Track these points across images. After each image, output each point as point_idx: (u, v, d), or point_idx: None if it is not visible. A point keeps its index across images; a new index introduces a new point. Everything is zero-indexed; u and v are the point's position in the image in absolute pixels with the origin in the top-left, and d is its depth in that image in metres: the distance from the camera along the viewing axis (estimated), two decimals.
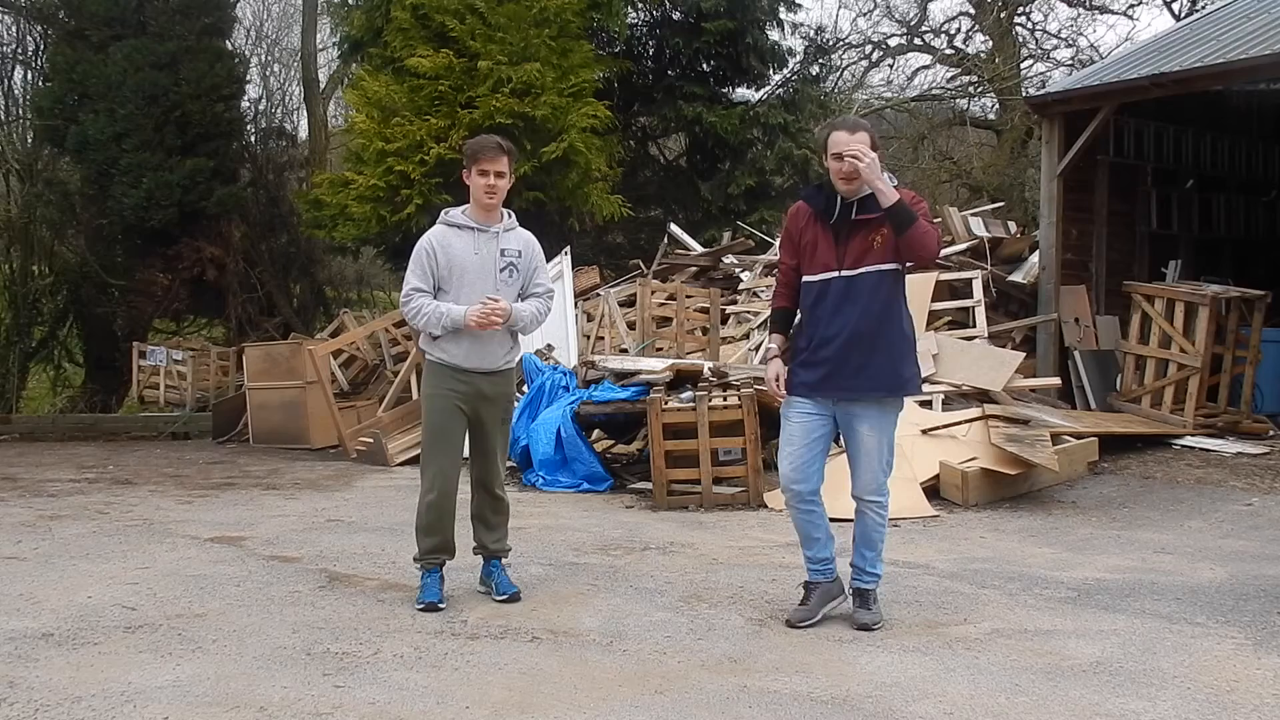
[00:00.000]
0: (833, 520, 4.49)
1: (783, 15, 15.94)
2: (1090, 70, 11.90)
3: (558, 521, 6.48)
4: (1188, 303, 8.97)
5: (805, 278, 4.16)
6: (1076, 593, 4.65)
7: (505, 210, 4.55)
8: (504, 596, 4.50)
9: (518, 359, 4.71)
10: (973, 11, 21.45)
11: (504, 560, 4.67)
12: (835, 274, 4.05)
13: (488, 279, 4.40)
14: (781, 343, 4.28)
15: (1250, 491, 7.16)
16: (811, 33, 17.07)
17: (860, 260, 4.02)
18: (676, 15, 15.45)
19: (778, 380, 4.21)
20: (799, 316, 4.26)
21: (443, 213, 4.57)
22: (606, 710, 3.27)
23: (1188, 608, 4.40)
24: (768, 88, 16.23)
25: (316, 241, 15.27)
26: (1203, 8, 16.77)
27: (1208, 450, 8.39)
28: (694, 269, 12.62)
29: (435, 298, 4.40)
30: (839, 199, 4.09)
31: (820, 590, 4.26)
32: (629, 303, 10.82)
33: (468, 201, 4.54)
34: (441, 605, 4.36)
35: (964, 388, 8.45)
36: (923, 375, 8.42)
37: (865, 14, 33.22)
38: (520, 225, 4.68)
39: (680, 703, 3.32)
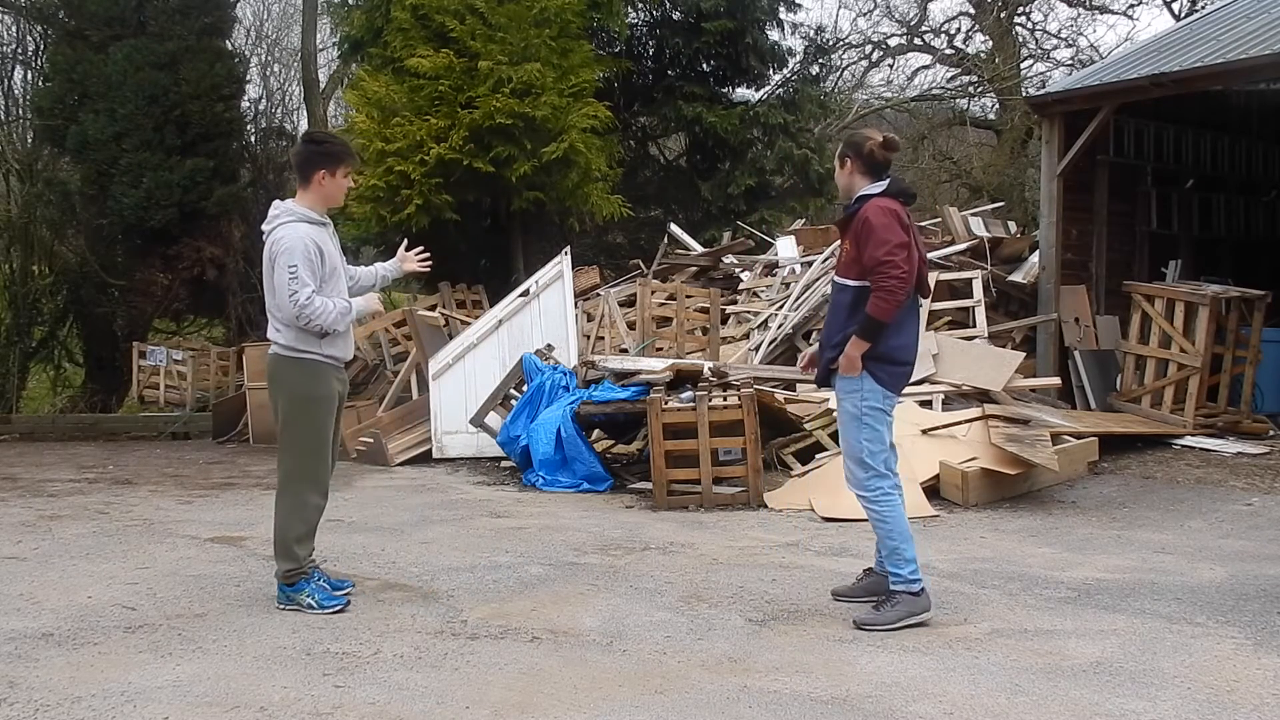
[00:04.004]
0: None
1: (783, 15, 15.95)
2: (1090, 70, 11.90)
3: (558, 521, 6.48)
4: (1188, 303, 8.97)
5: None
6: (1076, 593, 4.65)
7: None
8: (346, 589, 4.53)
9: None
10: (973, 11, 21.45)
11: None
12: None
13: (343, 273, 4.50)
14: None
15: (1250, 491, 7.16)
16: (811, 33, 17.07)
17: (836, 268, 4.38)
18: (676, 15, 15.44)
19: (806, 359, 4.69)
20: None
21: (289, 207, 4.39)
22: (606, 710, 3.27)
23: (1188, 608, 4.40)
24: (768, 88, 16.23)
25: None
26: (1203, 8, 16.77)
27: (1208, 450, 8.39)
28: (694, 269, 12.61)
29: None
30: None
31: (874, 579, 4.47)
32: (629, 303, 10.82)
33: (327, 198, 4.45)
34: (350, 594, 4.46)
35: (964, 388, 8.44)
36: (922, 376, 8.52)
37: (865, 14, 33.26)
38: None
39: (680, 703, 3.32)
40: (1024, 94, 17.04)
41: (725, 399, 7.31)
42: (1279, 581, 4.82)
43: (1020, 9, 21.13)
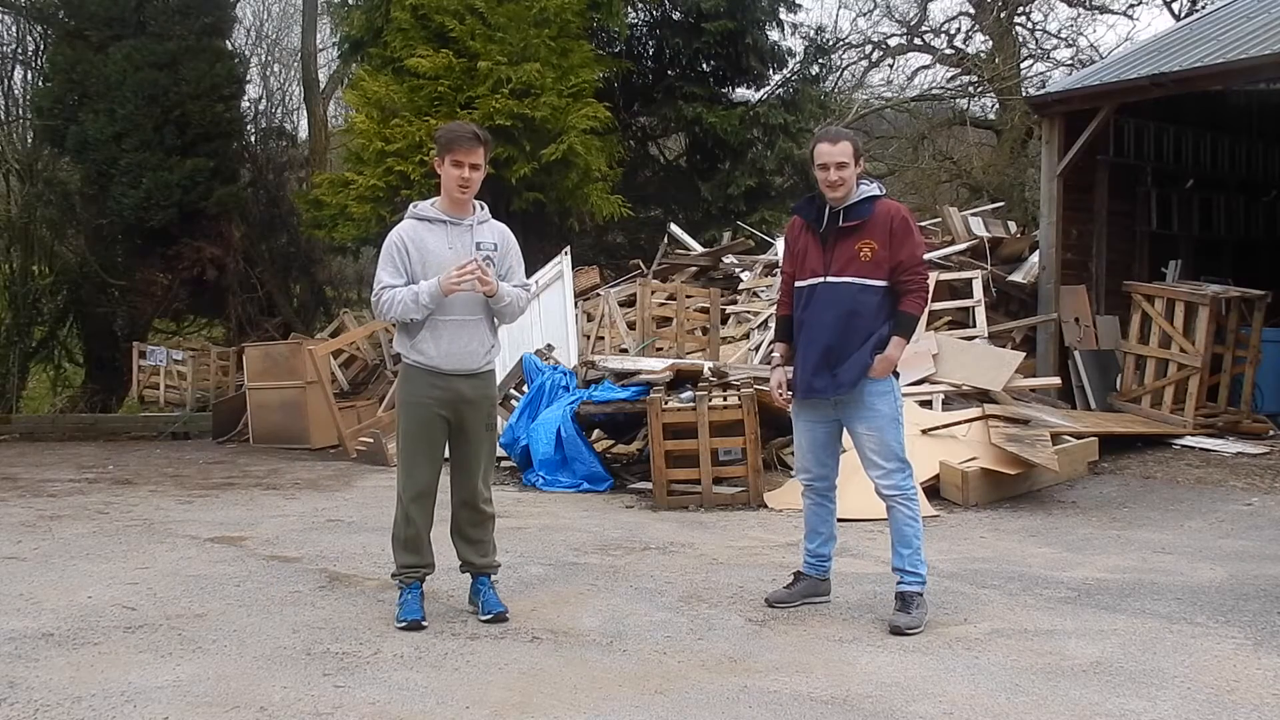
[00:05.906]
0: (840, 520, 4.54)
1: (783, 15, 15.93)
2: (1090, 70, 11.90)
3: (558, 521, 6.48)
4: (1188, 303, 8.97)
5: (796, 283, 4.30)
6: (1076, 593, 4.65)
7: (478, 202, 4.27)
8: (489, 616, 4.17)
9: (497, 359, 4.43)
10: (973, 11, 21.42)
11: (492, 577, 4.37)
12: (821, 279, 4.18)
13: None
14: (784, 350, 4.43)
15: (1250, 491, 7.16)
16: (811, 33, 17.04)
17: (845, 268, 4.14)
18: (676, 15, 15.44)
19: (780, 387, 4.35)
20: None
21: (411, 206, 4.29)
22: (606, 710, 3.27)
23: (1188, 608, 4.40)
24: (768, 88, 16.22)
25: (316, 241, 15.27)
26: (1203, 8, 16.76)
27: (1208, 450, 8.39)
28: (694, 269, 12.62)
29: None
30: (828, 207, 4.21)
31: (808, 582, 4.45)
32: (629, 303, 10.82)
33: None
34: (424, 624, 4.10)
35: (964, 388, 8.44)
36: (922, 376, 8.52)
37: (865, 14, 33.18)
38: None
39: (680, 703, 3.32)
40: (1024, 94, 17.04)
41: (725, 399, 7.31)
42: (1279, 581, 4.83)
43: (1020, 9, 21.11)
